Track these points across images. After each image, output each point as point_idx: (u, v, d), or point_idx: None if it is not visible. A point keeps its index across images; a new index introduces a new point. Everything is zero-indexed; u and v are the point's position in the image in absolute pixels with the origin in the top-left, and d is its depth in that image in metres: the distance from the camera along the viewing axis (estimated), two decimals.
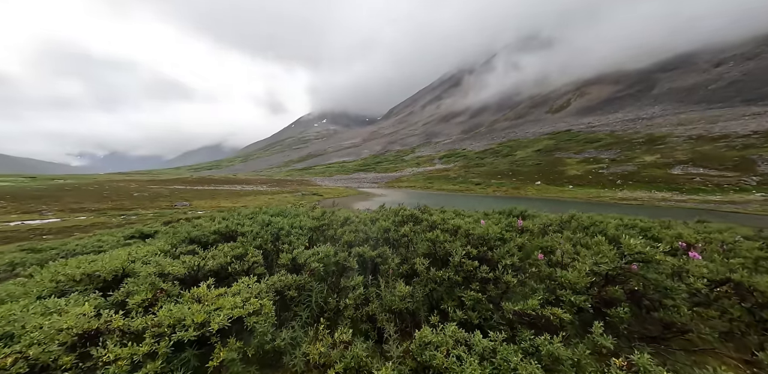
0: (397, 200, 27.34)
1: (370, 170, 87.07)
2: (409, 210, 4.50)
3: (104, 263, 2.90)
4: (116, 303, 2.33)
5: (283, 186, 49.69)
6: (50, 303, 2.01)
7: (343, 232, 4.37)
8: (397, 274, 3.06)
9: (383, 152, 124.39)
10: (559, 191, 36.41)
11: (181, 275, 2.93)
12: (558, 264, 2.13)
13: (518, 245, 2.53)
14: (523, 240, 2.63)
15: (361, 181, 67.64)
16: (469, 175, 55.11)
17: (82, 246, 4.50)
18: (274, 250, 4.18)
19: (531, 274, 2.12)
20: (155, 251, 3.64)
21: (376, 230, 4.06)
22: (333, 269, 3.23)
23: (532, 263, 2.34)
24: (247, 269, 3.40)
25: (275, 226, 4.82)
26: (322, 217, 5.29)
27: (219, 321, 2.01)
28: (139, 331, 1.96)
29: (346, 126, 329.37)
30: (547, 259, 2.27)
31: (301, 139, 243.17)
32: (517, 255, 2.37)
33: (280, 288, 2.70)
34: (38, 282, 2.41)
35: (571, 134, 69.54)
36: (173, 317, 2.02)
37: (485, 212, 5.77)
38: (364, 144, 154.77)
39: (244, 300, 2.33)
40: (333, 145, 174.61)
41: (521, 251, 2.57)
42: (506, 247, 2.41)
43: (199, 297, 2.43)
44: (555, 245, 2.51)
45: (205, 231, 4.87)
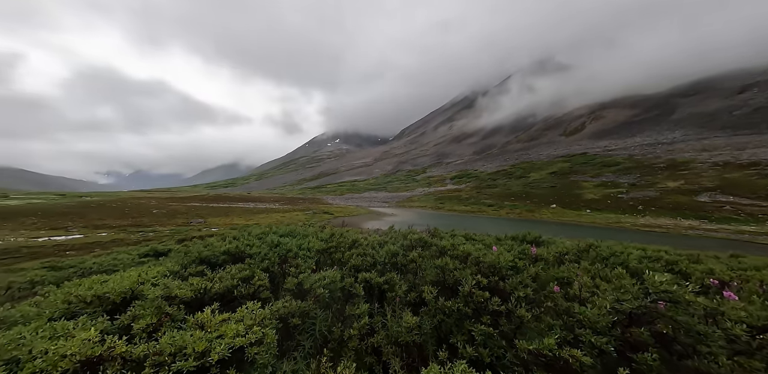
0: (408, 221, 27.00)
1: (381, 190, 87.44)
2: (418, 234, 4.42)
3: (115, 284, 2.94)
4: (122, 327, 2.32)
5: (295, 204, 50.31)
6: (59, 326, 2.03)
7: (351, 255, 4.31)
8: (405, 302, 2.94)
9: (394, 171, 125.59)
10: (576, 215, 35.11)
11: (187, 298, 2.92)
12: (576, 298, 2.00)
13: (532, 276, 2.41)
14: (537, 270, 2.50)
15: (372, 200, 67.74)
16: (482, 196, 54.35)
17: (99, 264, 4.61)
18: (281, 273, 4.14)
19: (546, 308, 1.99)
20: (165, 272, 3.68)
21: (384, 255, 3.98)
22: (339, 296, 3.15)
23: (548, 295, 2.20)
24: (253, 292, 3.36)
25: (283, 247, 4.82)
26: (330, 239, 5.26)
27: (219, 350, 1.96)
28: (140, 359, 1.92)
29: (358, 146, 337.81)
30: (563, 292, 2.13)
31: (314, 158, 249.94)
32: (531, 287, 2.25)
33: (284, 315, 2.64)
34: (51, 303, 2.46)
35: (587, 157, 68.50)
36: (175, 345, 1.99)
37: (497, 237, 5.59)
38: (376, 164, 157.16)
39: (247, 327, 2.28)
40: (345, 164, 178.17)
41: (535, 281, 2.44)
42: (519, 277, 2.30)
43: (203, 323, 2.39)
44: (572, 276, 2.37)
45: (216, 251, 4.91)
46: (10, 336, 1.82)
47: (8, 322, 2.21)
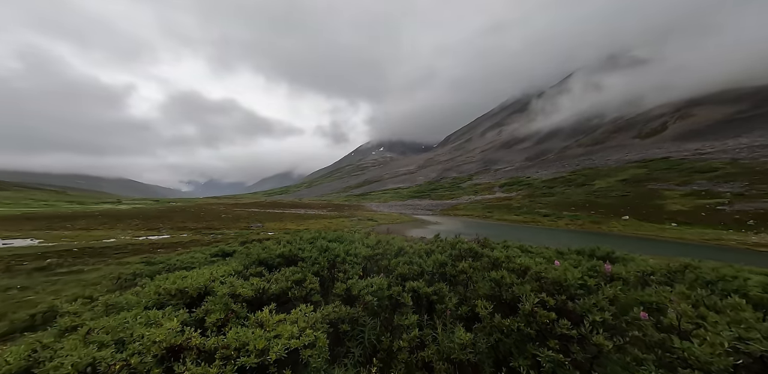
0: (453, 230, 25.99)
1: (424, 197, 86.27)
2: (468, 243, 4.19)
3: (192, 280, 3.34)
4: (197, 319, 2.60)
5: (341, 211, 52.31)
6: (152, 314, 2.35)
7: (397, 263, 4.26)
8: (456, 316, 2.77)
9: (438, 179, 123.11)
10: (657, 229, 29.89)
11: (249, 297, 3.18)
12: (673, 330, 1.64)
13: (609, 297, 2.07)
14: (615, 291, 2.15)
15: (416, 208, 67.07)
16: (535, 205, 49.91)
17: (180, 262, 5.32)
18: (330, 277, 4.27)
19: (633, 338, 1.67)
20: (231, 271, 4.07)
21: (432, 264, 3.85)
22: (386, 304, 3.11)
23: (632, 322, 1.86)
24: (305, 295, 3.52)
25: (332, 252, 4.99)
26: (377, 246, 5.29)
27: (277, 350, 2.06)
28: (211, 351, 2.12)
29: (401, 153, 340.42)
30: (653, 320, 1.78)
31: (360, 166, 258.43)
32: (609, 310, 1.93)
33: (334, 320, 2.69)
34: (146, 294, 2.88)
35: (670, 162, 58.50)
36: (239, 340, 2.16)
37: (558, 251, 5.02)
38: (419, 171, 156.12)
39: (301, 329, 2.37)
40: (389, 172, 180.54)
41: (613, 305, 2.09)
42: (593, 298, 2.00)
43: (262, 322, 2.56)
44: (664, 302, 1.96)
45: (272, 254, 5.30)
46: (119, 320, 2.16)
47: (117, 307, 2.64)
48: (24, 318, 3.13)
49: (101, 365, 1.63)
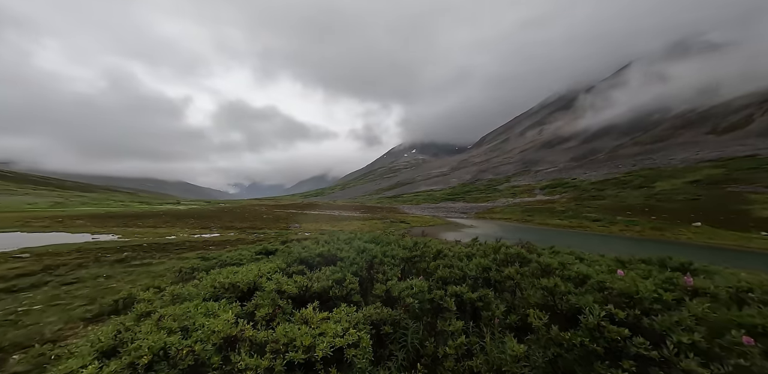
0: (491, 234, 24.85)
1: (458, 200, 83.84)
2: (513, 248, 3.93)
3: (242, 275, 3.57)
4: (248, 312, 2.76)
5: (373, 213, 52.91)
6: (209, 306, 2.54)
7: (436, 266, 4.15)
8: (504, 325, 2.60)
9: (473, 181, 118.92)
10: (740, 238, 25.56)
11: (293, 294, 3.30)
12: None
13: (695, 316, 1.78)
14: (702, 308, 1.84)
15: (449, 210, 65.43)
16: (583, 209, 45.77)
17: (230, 258, 5.74)
18: (369, 278, 4.28)
19: (736, 368, 1.40)
20: (275, 268, 4.28)
21: (474, 268, 3.67)
22: (428, 308, 3.02)
23: (729, 347, 1.57)
24: (345, 295, 3.56)
25: (369, 253, 5.02)
26: (414, 248, 5.21)
27: (323, 347, 2.09)
28: (262, 344, 2.22)
29: (434, 155, 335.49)
30: (762, 347, 1.47)
31: (392, 168, 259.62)
32: (698, 331, 1.65)
33: (376, 321, 2.67)
34: (204, 286, 3.13)
35: (758, 161, 49.99)
36: (287, 336, 2.23)
37: (618, 259, 4.50)
38: (453, 173, 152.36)
39: (344, 329, 2.39)
40: (421, 174, 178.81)
41: (700, 324, 1.79)
42: (675, 315, 1.72)
43: (307, 319, 2.63)
44: None
45: (312, 253, 5.48)
46: (183, 309, 2.37)
47: (181, 297, 2.91)
48: (110, 303, 3.60)
49: (171, 349, 1.78)
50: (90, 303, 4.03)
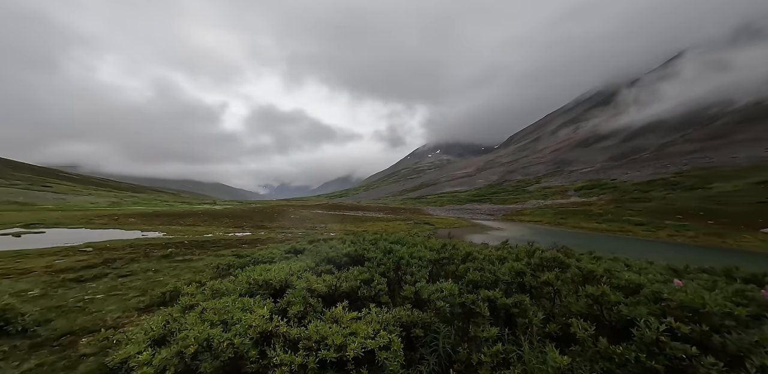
0: (521, 237, 23.75)
1: (484, 201, 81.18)
2: (549, 252, 3.70)
3: (275, 273, 3.70)
4: (281, 309, 2.84)
5: (397, 214, 52.81)
6: (246, 301, 2.65)
7: (466, 269, 4.02)
8: (543, 334, 2.44)
9: (500, 182, 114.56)
10: None
11: (323, 292, 3.36)
12: None
13: None
14: None
15: (475, 212, 63.54)
16: (624, 212, 42.24)
17: (262, 256, 6.00)
18: (396, 279, 4.26)
19: None
20: (305, 267, 4.39)
21: (507, 272, 3.51)
22: (459, 312, 2.93)
23: None
24: (374, 295, 3.56)
25: (396, 254, 4.98)
26: (442, 249, 5.10)
27: (354, 347, 2.09)
28: (295, 340, 2.28)
29: (459, 156, 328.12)
30: None
31: (415, 169, 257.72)
32: None
33: (406, 323, 2.64)
34: (240, 282, 3.28)
35: None
36: (319, 334, 2.27)
37: (672, 267, 4.06)
38: (479, 174, 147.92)
39: (375, 330, 2.38)
40: (446, 174, 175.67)
41: None
42: (755, 334, 1.51)
43: (337, 318, 2.66)
44: None
45: (339, 253, 5.56)
46: (222, 303, 2.50)
47: (219, 292, 3.07)
48: (158, 295, 3.92)
49: (214, 341, 1.88)
50: (142, 294, 4.41)
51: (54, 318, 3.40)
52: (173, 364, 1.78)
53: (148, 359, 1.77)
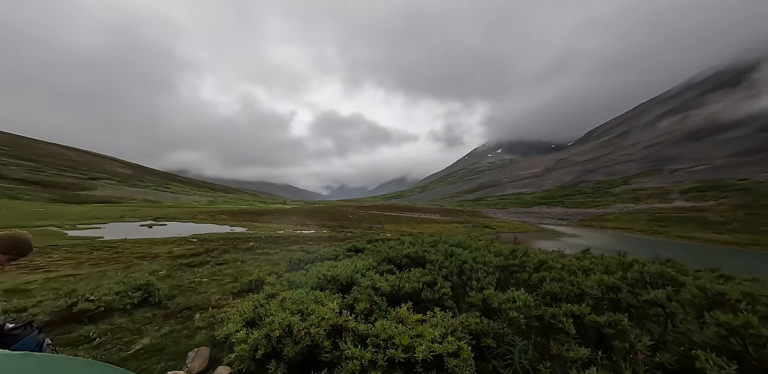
0: (603, 246, 20.44)
1: (555, 204, 72.43)
2: (652, 265, 3.06)
3: (341, 270, 3.90)
4: (348, 305, 2.98)
5: (454, 216, 50.92)
6: (317, 294, 2.85)
7: (541, 279, 3.63)
8: (652, 364, 2.01)
9: (575, 182, 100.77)
10: None
11: (386, 292, 3.41)
12: None
13: None
14: None
15: (543, 216, 57.14)
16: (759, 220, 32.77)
17: (327, 253, 6.42)
18: (460, 284, 4.07)
19: None
20: (368, 265, 4.53)
21: (594, 286, 3.02)
22: (536, 325, 2.64)
23: None
24: (438, 299, 3.46)
25: (458, 258, 4.78)
26: (511, 255, 4.70)
27: (422, 350, 2.05)
28: (363, 336, 2.35)
29: (524, 155, 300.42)
30: None
31: (474, 170, 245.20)
32: None
33: (475, 331, 2.49)
34: (311, 276, 3.55)
35: None
36: (386, 332, 2.29)
37: None
38: (548, 174, 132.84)
39: (442, 335, 2.30)
40: (508, 175, 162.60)
41: None
42: None
43: (402, 318, 2.65)
44: None
45: (399, 254, 5.59)
46: (298, 294, 2.74)
47: (295, 284, 3.38)
48: (246, 283, 4.53)
49: (294, 328, 2.07)
50: (234, 280, 5.17)
51: (177, 294, 4.26)
52: (263, 345, 2.01)
53: (244, 337, 2.03)
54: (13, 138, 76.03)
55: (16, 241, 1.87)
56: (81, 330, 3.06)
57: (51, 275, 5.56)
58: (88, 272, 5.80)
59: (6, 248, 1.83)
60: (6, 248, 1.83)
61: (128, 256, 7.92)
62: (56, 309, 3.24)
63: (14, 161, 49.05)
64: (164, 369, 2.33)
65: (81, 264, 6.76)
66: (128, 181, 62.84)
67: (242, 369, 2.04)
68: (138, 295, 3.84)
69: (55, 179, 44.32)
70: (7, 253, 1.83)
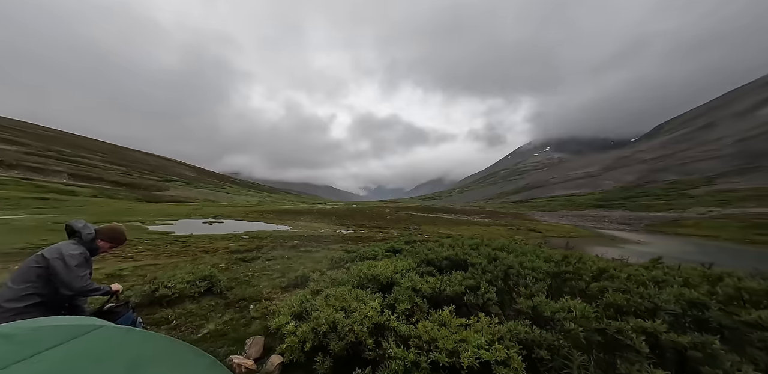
0: (680, 255, 17.66)
1: (615, 207, 64.70)
2: (753, 281, 2.55)
3: (381, 270, 3.93)
4: (389, 304, 2.99)
5: (495, 218, 48.29)
6: (359, 293, 2.91)
7: (602, 288, 3.26)
8: None
9: (641, 183, 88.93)
10: None
11: (428, 294, 3.35)
12: None
13: None
14: None
15: (600, 220, 51.39)
16: None
17: (366, 253, 6.54)
18: (506, 290, 3.84)
19: None
20: (408, 266, 4.50)
21: (671, 300, 2.62)
22: (597, 340, 2.37)
23: None
24: (482, 304, 3.31)
25: (503, 262, 4.51)
26: (564, 262, 4.30)
27: (468, 356, 1.97)
28: (405, 337, 2.33)
29: (576, 153, 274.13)
30: None
31: (517, 170, 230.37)
32: None
33: (525, 340, 2.32)
34: (352, 275, 3.64)
35: None
36: (428, 334, 2.25)
37: None
38: (606, 173, 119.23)
39: (488, 341, 2.19)
40: (557, 175, 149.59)
41: None
42: None
43: (444, 322, 2.58)
44: None
45: (438, 256, 5.46)
46: (341, 292, 2.82)
47: (337, 282, 3.50)
48: (293, 278, 4.84)
49: (339, 324, 2.14)
50: (281, 275, 5.55)
51: (234, 286, 4.71)
52: (310, 338, 2.11)
53: (293, 330, 2.16)
54: (110, 147, 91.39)
55: (116, 232, 2.32)
56: (162, 312, 3.56)
57: (138, 263, 6.54)
58: (164, 263, 6.70)
59: (109, 238, 2.27)
60: (109, 238, 2.27)
61: (194, 249, 8.97)
62: (143, 293, 3.80)
63: (111, 166, 58.76)
64: (227, 353, 2.58)
65: (158, 255, 7.84)
66: (193, 182, 71.26)
67: (293, 359, 2.16)
68: (204, 285, 4.32)
69: (139, 181, 52.07)
70: (108, 241, 2.27)
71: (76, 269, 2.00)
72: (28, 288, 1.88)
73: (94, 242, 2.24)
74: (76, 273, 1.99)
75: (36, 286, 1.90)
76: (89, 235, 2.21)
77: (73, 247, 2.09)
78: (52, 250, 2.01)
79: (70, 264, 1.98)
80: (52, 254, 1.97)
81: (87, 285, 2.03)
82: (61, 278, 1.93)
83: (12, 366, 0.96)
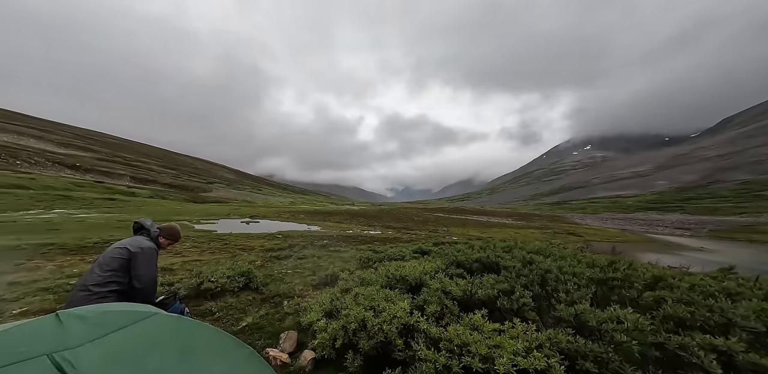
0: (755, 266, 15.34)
1: (671, 210, 58.06)
2: None
3: (409, 270, 3.89)
4: (418, 306, 2.94)
5: (529, 220, 45.66)
6: (387, 293, 2.89)
7: (658, 298, 2.93)
8: None
9: (703, 183, 79.00)
10: None
11: (458, 296, 3.24)
12: None
13: None
14: None
15: (652, 224, 46.40)
16: None
17: (394, 253, 6.52)
18: (544, 295, 3.60)
19: None
20: (436, 268, 4.40)
21: (750, 316, 2.27)
22: (655, 355, 2.12)
23: None
24: (517, 309, 3.13)
25: (539, 266, 4.24)
26: (610, 267, 3.92)
27: (504, 362, 1.87)
28: (435, 339, 2.27)
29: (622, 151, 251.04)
30: None
31: (554, 170, 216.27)
32: None
33: (567, 350, 2.14)
34: (380, 274, 3.64)
35: None
36: (460, 338, 2.17)
37: None
38: (659, 173, 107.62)
39: (525, 349, 2.06)
40: (600, 175, 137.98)
41: None
42: None
43: (476, 326, 2.47)
44: None
45: (469, 258, 5.27)
46: (369, 291, 2.83)
47: (366, 281, 3.52)
48: (323, 276, 4.97)
49: (368, 323, 2.14)
50: (312, 274, 5.73)
51: (269, 282, 4.97)
52: (341, 336, 2.14)
53: (324, 326, 2.20)
54: (163, 152, 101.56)
55: (175, 230, 2.65)
56: (206, 304, 3.85)
57: (186, 259, 7.14)
58: (208, 259, 7.25)
59: (168, 235, 2.60)
60: (168, 235, 2.60)
61: (233, 247, 9.59)
62: (191, 286, 4.13)
63: (164, 170, 65.17)
64: (264, 345, 2.71)
65: (203, 252, 8.49)
66: (232, 184, 76.50)
67: (324, 355, 2.21)
68: (242, 280, 4.60)
69: (187, 183, 57.09)
70: (168, 238, 2.57)
71: (152, 263, 2.28)
72: (111, 275, 2.13)
73: (158, 239, 2.52)
74: (154, 268, 2.27)
75: (118, 275, 2.15)
76: (155, 232, 2.50)
77: (148, 243, 2.36)
78: (134, 244, 2.29)
79: (151, 258, 2.27)
80: (134, 247, 2.24)
81: (156, 279, 2.29)
82: (139, 271, 2.18)
83: (87, 345, 1.12)
